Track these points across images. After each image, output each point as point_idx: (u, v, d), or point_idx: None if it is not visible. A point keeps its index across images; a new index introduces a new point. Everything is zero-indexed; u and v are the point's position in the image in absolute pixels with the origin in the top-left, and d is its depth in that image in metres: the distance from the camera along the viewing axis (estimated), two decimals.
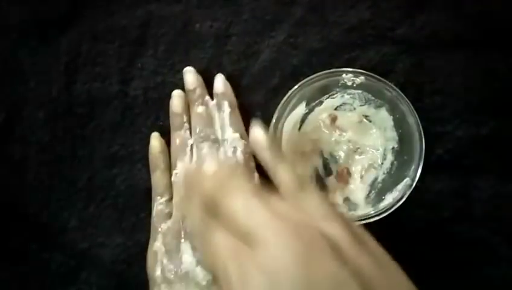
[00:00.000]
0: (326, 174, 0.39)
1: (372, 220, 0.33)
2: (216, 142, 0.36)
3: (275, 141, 0.36)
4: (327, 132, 0.39)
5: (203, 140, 0.36)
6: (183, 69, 0.39)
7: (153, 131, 0.39)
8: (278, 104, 0.35)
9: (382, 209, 0.33)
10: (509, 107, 0.38)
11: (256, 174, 0.36)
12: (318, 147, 0.39)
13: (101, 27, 0.40)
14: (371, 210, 0.35)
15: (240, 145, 0.36)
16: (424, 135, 0.34)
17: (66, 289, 0.39)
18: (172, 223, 0.35)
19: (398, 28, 0.39)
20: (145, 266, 0.35)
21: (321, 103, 0.38)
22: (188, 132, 0.37)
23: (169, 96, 0.39)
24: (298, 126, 0.38)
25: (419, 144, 0.34)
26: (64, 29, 0.40)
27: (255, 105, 0.39)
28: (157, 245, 0.35)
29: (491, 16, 0.39)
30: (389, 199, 0.35)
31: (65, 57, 0.40)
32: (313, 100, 0.38)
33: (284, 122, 0.36)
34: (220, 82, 0.38)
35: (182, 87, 0.39)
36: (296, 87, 0.35)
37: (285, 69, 0.39)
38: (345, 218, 0.24)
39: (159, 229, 0.35)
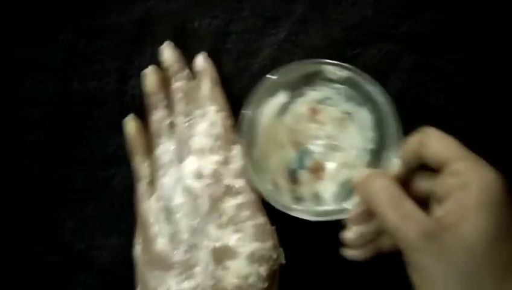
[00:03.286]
0: (299, 167, 0.38)
1: (337, 217, 0.33)
2: (196, 117, 0.36)
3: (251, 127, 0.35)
4: (306, 124, 0.38)
5: (183, 115, 0.36)
6: None
7: None
8: None
9: (349, 208, 0.32)
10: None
11: (235, 147, 0.35)
12: (295, 139, 0.38)
13: (98, 25, 0.40)
14: (337, 207, 0.34)
15: (219, 117, 0.36)
16: None
17: None
18: (154, 202, 0.35)
19: (401, 26, 0.39)
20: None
21: (303, 94, 0.37)
22: (166, 110, 0.37)
23: None
24: (277, 115, 0.37)
25: (398, 149, 0.33)
26: (61, 27, 0.40)
27: None
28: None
29: (494, 14, 0.38)
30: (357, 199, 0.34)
31: (62, 55, 0.40)
32: (295, 90, 0.37)
33: (263, 109, 0.36)
34: (200, 59, 0.38)
35: None
36: (275, 74, 0.35)
37: None
38: None
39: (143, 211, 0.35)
